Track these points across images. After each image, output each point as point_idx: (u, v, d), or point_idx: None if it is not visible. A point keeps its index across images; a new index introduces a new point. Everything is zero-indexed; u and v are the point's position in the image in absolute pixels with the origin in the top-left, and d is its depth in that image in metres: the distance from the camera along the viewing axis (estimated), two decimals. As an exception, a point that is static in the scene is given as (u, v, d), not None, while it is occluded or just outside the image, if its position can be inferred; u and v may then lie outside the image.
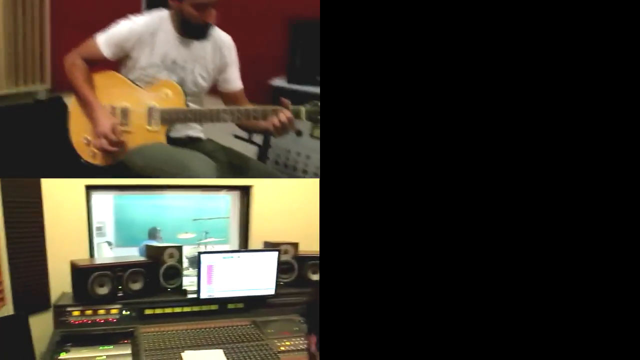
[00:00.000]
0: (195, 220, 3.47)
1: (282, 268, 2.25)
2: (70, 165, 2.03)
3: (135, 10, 2.06)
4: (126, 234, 3.98)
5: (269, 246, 2.35)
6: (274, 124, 1.80)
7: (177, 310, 2.05)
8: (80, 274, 1.95)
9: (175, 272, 2.17)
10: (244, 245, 2.62)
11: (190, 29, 1.89)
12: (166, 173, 1.83)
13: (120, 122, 1.92)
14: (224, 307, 2.10)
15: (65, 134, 2.00)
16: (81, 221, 2.30)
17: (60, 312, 1.94)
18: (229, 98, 2.09)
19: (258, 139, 2.44)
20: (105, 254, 3.54)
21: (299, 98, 2.49)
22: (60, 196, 2.20)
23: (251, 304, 2.14)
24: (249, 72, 2.16)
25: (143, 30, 1.89)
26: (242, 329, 1.97)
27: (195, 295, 2.08)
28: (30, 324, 1.85)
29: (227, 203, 3.06)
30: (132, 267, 2.04)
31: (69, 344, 1.83)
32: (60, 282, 2.15)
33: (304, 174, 2.43)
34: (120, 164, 1.94)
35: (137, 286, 2.06)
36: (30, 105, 3.11)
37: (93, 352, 1.77)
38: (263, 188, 2.58)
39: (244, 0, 2.51)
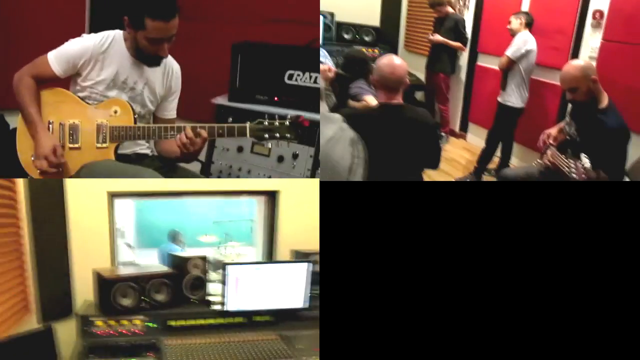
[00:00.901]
0: (216, 222, 3.41)
1: (314, 279, 2.16)
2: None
3: (80, 31, 2.07)
4: (147, 235, 3.92)
5: (299, 256, 2.27)
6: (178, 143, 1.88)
7: (202, 322, 1.99)
8: (104, 284, 1.90)
9: (200, 283, 2.10)
10: (269, 251, 2.54)
11: (143, 57, 1.94)
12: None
13: (69, 139, 1.94)
14: (251, 320, 2.03)
15: (6, 152, 1.99)
16: (104, 228, 2.25)
17: (84, 321, 1.91)
18: (161, 123, 2.12)
19: (201, 155, 2.46)
20: (126, 257, 3.50)
21: (240, 115, 2.62)
22: (84, 204, 2.16)
23: (280, 317, 2.07)
24: (193, 91, 2.28)
25: (95, 48, 1.91)
26: (270, 344, 1.89)
27: (220, 307, 2.01)
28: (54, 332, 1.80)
29: (251, 205, 2.99)
30: (156, 278, 1.99)
31: (92, 355, 1.78)
32: (83, 290, 2.12)
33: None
34: None
35: (161, 297, 2.01)
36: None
37: (117, 363, 1.72)
38: (290, 193, 2.50)
39: (192, 26, 2.67)
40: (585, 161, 2.20)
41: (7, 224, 1.85)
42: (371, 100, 2.79)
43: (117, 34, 1.95)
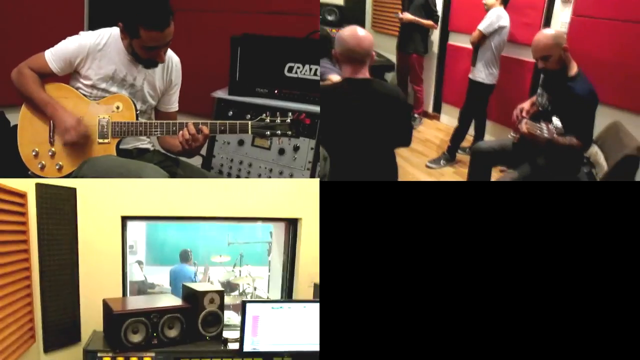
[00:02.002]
0: (230, 244, 3.29)
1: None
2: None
3: (78, 28, 2.04)
4: (158, 253, 3.81)
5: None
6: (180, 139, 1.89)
7: (217, 361, 1.86)
8: (114, 320, 1.78)
9: (216, 319, 1.97)
10: (289, 286, 2.40)
11: (140, 60, 1.93)
12: None
13: None
14: (269, 361, 1.89)
15: (8, 149, 1.97)
16: (116, 252, 2.15)
17: (90, 356, 1.81)
18: (163, 117, 2.15)
19: (202, 149, 2.45)
20: (136, 276, 3.39)
21: (241, 108, 2.57)
22: (96, 227, 2.06)
23: (300, 360, 1.93)
24: (193, 85, 2.27)
25: (92, 46, 1.90)
26: (289, 390, 1.76)
27: (237, 345, 1.88)
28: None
29: (266, 227, 2.88)
30: (169, 313, 1.87)
31: (98, 393, 1.68)
32: (91, 318, 2.01)
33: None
34: (69, 177, 1.92)
35: (173, 333, 1.89)
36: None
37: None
38: (312, 221, 2.36)
39: (191, 18, 2.66)
40: (557, 122, 2.28)
41: (16, 249, 1.74)
42: (336, 78, 2.67)
43: (114, 31, 1.94)
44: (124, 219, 2.15)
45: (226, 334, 2.00)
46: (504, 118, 3.70)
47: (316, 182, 2.28)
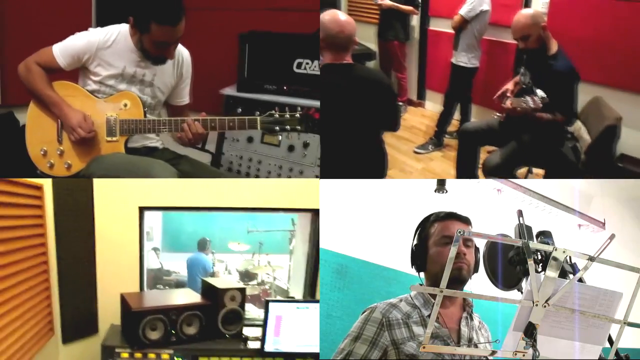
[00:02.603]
0: (250, 232, 3.23)
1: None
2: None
3: (86, 24, 1.99)
4: (174, 240, 3.78)
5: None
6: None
7: (236, 360, 1.81)
8: (133, 317, 1.73)
9: (237, 317, 1.91)
10: (312, 284, 2.33)
11: (149, 56, 1.88)
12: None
13: None
14: (291, 362, 1.84)
15: (18, 148, 1.91)
16: (133, 245, 2.10)
17: (108, 352, 1.76)
18: (175, 110, 2.12)
19: (211, 147, 2.46)
20: (152, 263, 3.35)
21: (249, 105, 2.53)
22: (113, 219, 2.01)
23: (323, 362, 1.86)
24: (201, 82, 2.23)
25: (100, 43, 1.86)
26: (311, 393, 1.70)
27: (257, 345, 1.82)
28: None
29: (288, 215, 2.81)
30: (188, 310, 1.81)
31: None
32: (109, 311, 1.97)
33: (256, 179, 2.44)
34: (77, 176, 1.87)
35: (191, 330, 1.84)
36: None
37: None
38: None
39: (198, 16, 2.55)
40: (541, 93, 2.35)
41: (33, 243, 1.70)
42: None
43: (123, 28, 1.89)
44: (142, 210, 2.10)
45: (246, 331, 1.94)
46: (488, 101, 3.60)
47: (317, 181, 2.21)
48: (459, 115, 3.93)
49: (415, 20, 4.62)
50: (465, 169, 2.87)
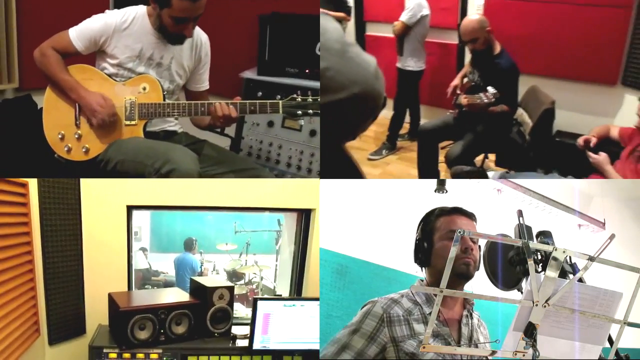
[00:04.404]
0: (238, 232, 3.22)
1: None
2: (42, 162, 1.91)
3: (103, 8, 1.96)
4: (162, 240, 3.75)
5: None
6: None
7: (225, 359, 1.80)
8: (120, 316, 1.72)
9: (225, 316, 1.91)
10: (299, 282, 2.33)
11: (167, 35, 1.86)
12: (147, 166, 1.73)
13: None
14: (279, 359, 1.84)
15: (35, 132, 1.90)
16: (121, 244, 2.07)
17: (96, 352, 1.75)
18: (194, 96, 2.10)
19: (230, 131, 2.41)
20: (140, 264, 3.33)
21: (270, 88, 2.50)
22: (100, 218, 1.99)
23: (312, 359, 1.87)
24: (222, 65, 2.20)
25: (117, 25, 1.84)
26: (300, 391, 1.71)
27: (246, 342, 1.82)
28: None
29: (274, 215, 2.80)
30: (177, 309, 1.80)
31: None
32: (96, 311, 1.96)
33: (277, 164, 2.42)
34: (95, 160, 1.86)
35: (180, 329, 1.83)
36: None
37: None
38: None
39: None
40: (491, 89, 2.65)
41: (18, 242, 1.67)
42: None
43: (140, 9, 1.88)
44: (130, 209, 2.08)
45: (234, 329, 1.94)
46: (436, 100, 3.98)
47: (317, 181, 2.20)
48: (409, 117, 4.04)
49: (350, 27, 4.56)
50: (427, 166, 3.07)
